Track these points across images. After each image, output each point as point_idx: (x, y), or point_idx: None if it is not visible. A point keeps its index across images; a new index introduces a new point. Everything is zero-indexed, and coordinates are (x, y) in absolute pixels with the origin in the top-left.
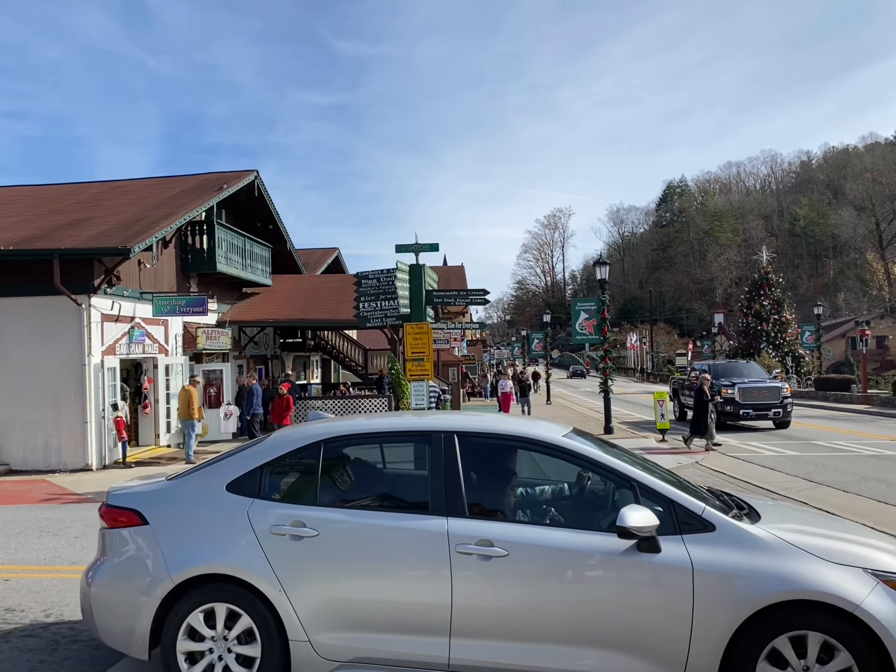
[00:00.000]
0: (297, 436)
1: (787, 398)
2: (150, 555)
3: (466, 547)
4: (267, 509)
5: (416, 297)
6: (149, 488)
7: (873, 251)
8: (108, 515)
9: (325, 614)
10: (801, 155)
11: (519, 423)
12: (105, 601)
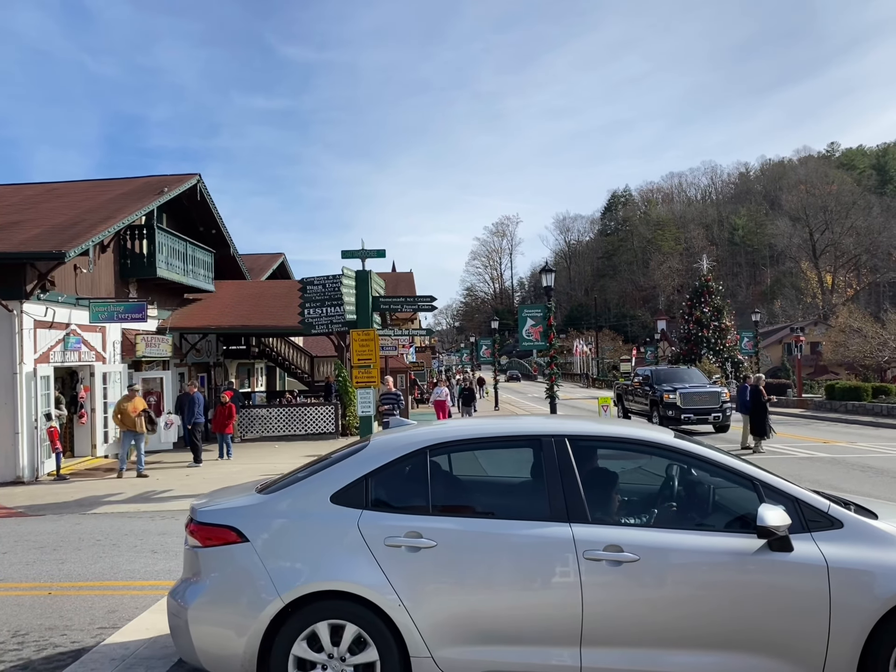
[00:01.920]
0: (401, 443)
1: (727, 403)
2: (254, 574)
3: (595, 553)
4: (378, 520)
5: (363, 303)
6: (243, 503)
7: (808, 260)
8: (201, 533)
9: (448, 628)
10: (740, 166)
11: (625, 426)
12: (205, 624)
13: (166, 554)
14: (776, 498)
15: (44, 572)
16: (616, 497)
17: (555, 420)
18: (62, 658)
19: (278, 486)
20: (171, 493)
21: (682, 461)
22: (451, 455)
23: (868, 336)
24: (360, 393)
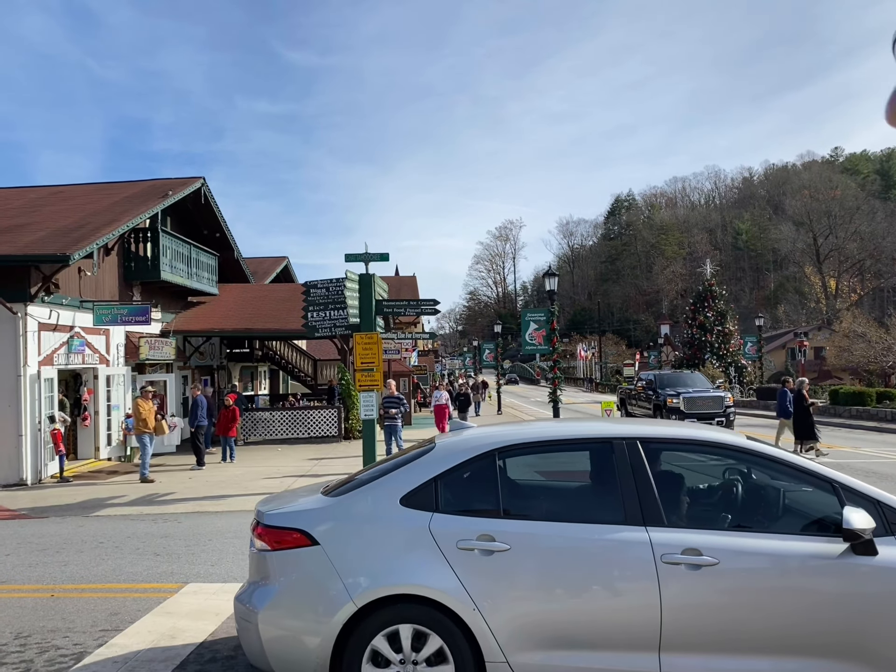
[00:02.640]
0: (469, 445)
1: (730, 407)
2: (326, 577)
3: (673, 557)
4: (450, 523)
5: (366, 306)
6: (311, 506)
7: (811, 265)
8: (270, 537)
9: (524, 633)
10: (743, 171)
11: (694, 428)
12: (276, 628)
13: (169, 557)
14: (857, 501)
15: (46, 574)
16: (689, 500)
17: (624, 423)
18: (64, 660)
19: (345, 488)
20: (173, 496)
21: (757, 464)
22: (519, 458)
23: (872, 341)
24: (362, 396)
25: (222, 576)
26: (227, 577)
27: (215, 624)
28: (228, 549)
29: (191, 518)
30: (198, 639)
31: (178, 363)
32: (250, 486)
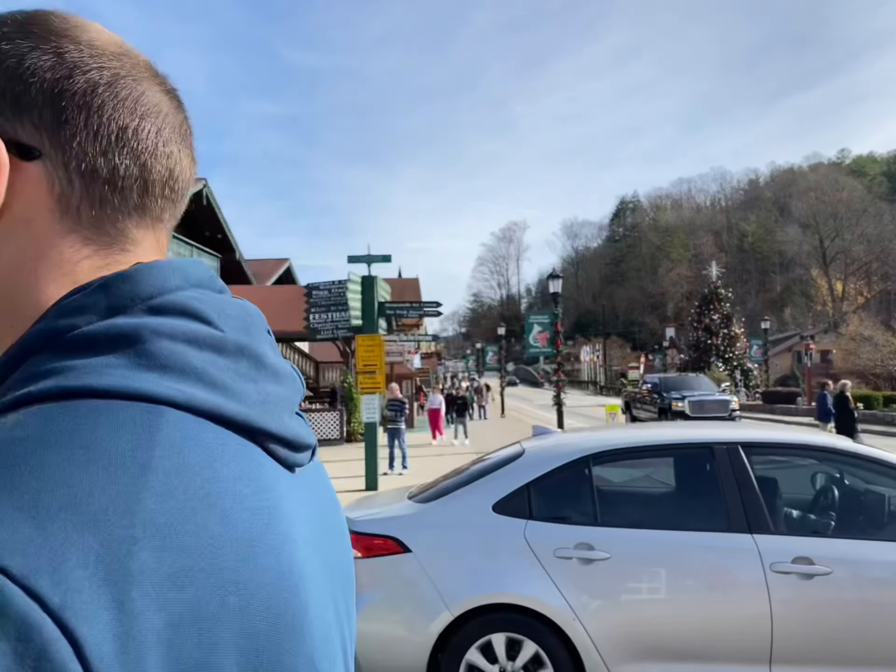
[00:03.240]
0: (561, 451)
1: (736, 411)
2: (420, 585)
3: (783, 566)
4: (545, 531)
5: (368, 308)
6: (401, 512)
7: (818, 268)
8: (360, 543)
9: (628, 644)
10: (749, 173)
11: (797, 433)
12: (372, 640)
13: None
14: None
15: None
16: (791, 506)
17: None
18: None
19: (432, 494)
20: None
21: (867, 468)
22: (623, 464)
23: (879, 344)
24: (365, 399)
25: None
26: None
27: None
28: None
29: None
30: None
31: None
32: None
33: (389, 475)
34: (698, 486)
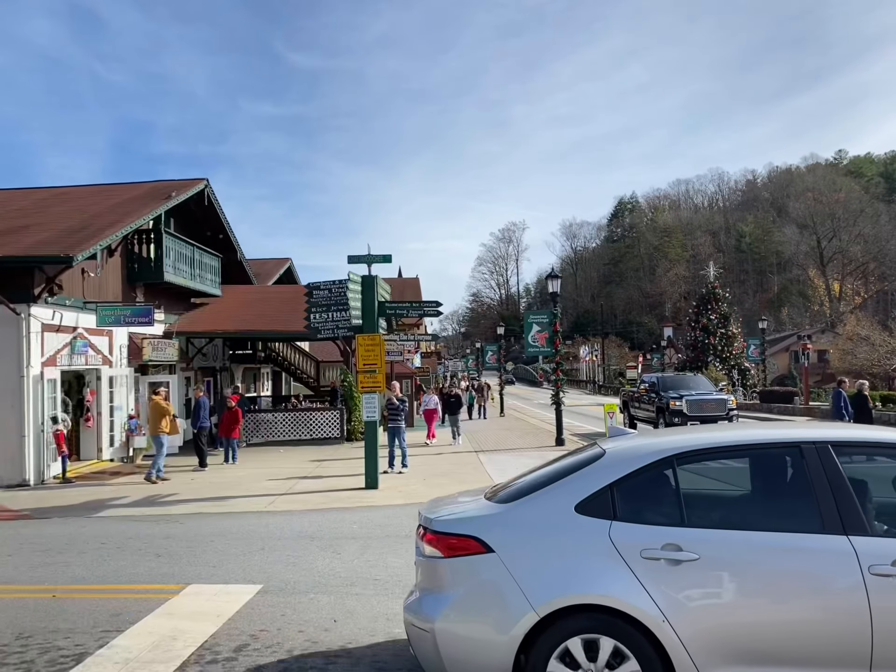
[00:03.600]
0: (644, 451)
1: (733, 410)
2: (503, 586)
3: (883, 568)
4: (631, 532)
5: (369, 308)
6: (481, 512)
7: (815, 268)
8: (442, 544)
9: (719, 647)
10: (747, 174)
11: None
12: (455, 638)
13: (170, 558)
14: None
15: (48, 575)
16: (885, 506)
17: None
18: (65, 661)
19: (511, 493)
20: (175, 498)
21: None
22: (706, 464)
23: (876, 344)
24: (365, 398)
25: (223, 577)
26: (228, 578)
27: (216, 625)
28: (230, 551)
29: (192, 519)
30: (199, 640)
31: (181, 364)
32: (252, 487)
33: (389, 473)
34: (787, 486)
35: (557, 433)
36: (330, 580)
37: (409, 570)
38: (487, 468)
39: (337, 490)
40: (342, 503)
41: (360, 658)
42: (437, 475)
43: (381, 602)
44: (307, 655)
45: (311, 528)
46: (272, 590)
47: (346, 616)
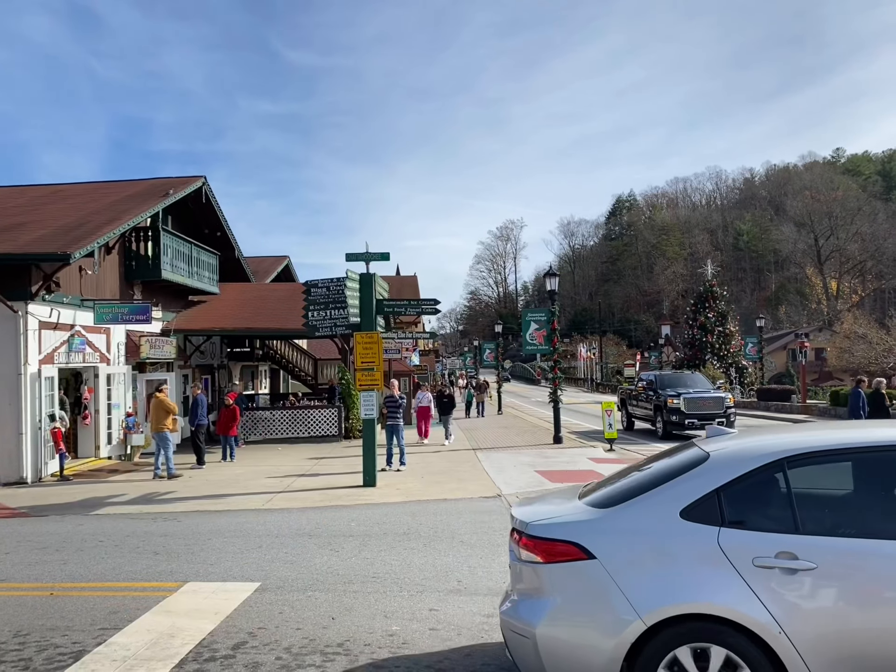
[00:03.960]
0: (752, 453)
1: (731, 408)
2: (607, 593)
3: None
4: (741, 539)
5: (367, 306)
6: (580, 517)
7: (812, 266)
8: (540, 548)
9: (838, 658)
10: (745, 172)
11: None
12: (558, 644)
13: (168, 555)
14: None
15: (46, 573)
16: None
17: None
18: (63, 659)
19: (610, 498)
20: (173, 496)
21: None
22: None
23: (873, 342)
24: (363, 396)
25: (221, 575)
26: (226, 576)
27: (214, 623)
28: (228, 549)
29: (190, 517)
30: (197, 638)
31: (179, 362)
32: (250, 485)
33: (387, 471)
34: None
35: (555, 431)
36: (328, 578)
37: (407, 567)
38: (485, 466)
39: (335, 488)
40: (340, 501)
41: (357, 655)
42: (435, 473)
43: (380, 600)
44: (305, 653)
45: (309, 526)
46: (270, 587)
47: (344, 613)
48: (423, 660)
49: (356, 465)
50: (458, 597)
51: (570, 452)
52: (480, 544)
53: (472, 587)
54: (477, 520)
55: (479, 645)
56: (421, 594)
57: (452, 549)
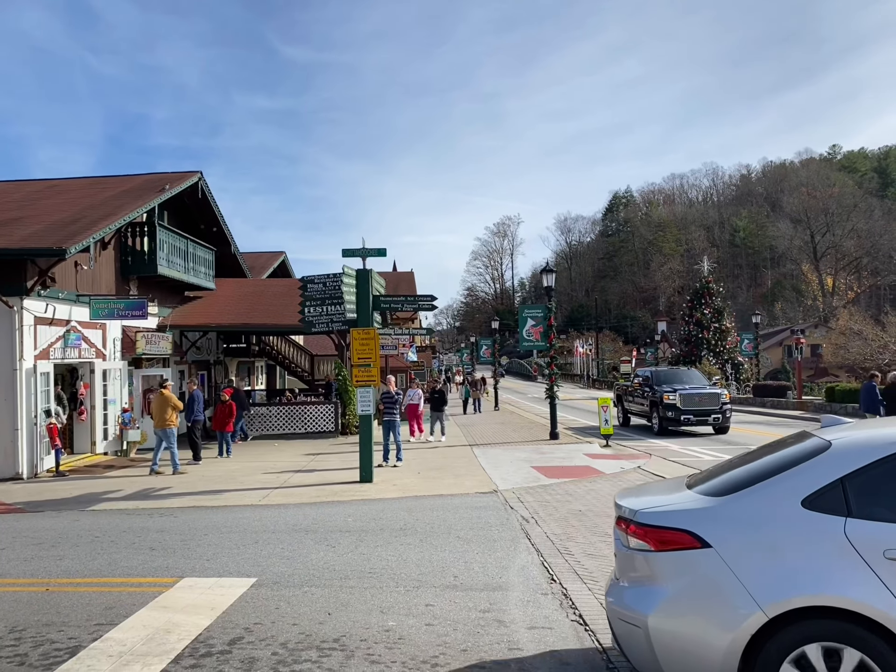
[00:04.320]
0: (879, 441)
1: (727, 404)
2: (724, 584)
3: None
4: (870, 529)
5: (363, 302)
6: (693, 505)
7: (808, 263)
8: (651, 537)
9: None
10: (741, 168)
11: None
12: (672, 635)
13: (164, 551)
14: None
15: (41, 568)
16: None
17: None
18: (59, 654)
19: (723, 486)
20: (169, 491)
21: None
22: None
23: (868, 339)
24: (359, 392)
25: (218, 570)
26: (222, 571)
27: (210, 618)
28: (224, 544)
29: (186, 513)
30: (193, 633)
31: (175, 358)
32: (246, 481)
33: (384, 467)
34: None
35: (552, 427)
36: (324, 573)
37: (403, 563)
38: (482, 462)
39: (331, 484)
40: (337, 497)
41: (354, 651)
42: (432, 469)
43: (376, 595)
44: (301, 648)
45: (306, 522)
46: (266, 583)
47: (341, 609)
48: (419, 655)
49: (353, 461)
50: (454, 592)
51: (567, 448)
52: (477, 540)
53: (468, 582)
54: (473, 515)
55: (475, 640)
56: (417, 589)
57: (449, 545)
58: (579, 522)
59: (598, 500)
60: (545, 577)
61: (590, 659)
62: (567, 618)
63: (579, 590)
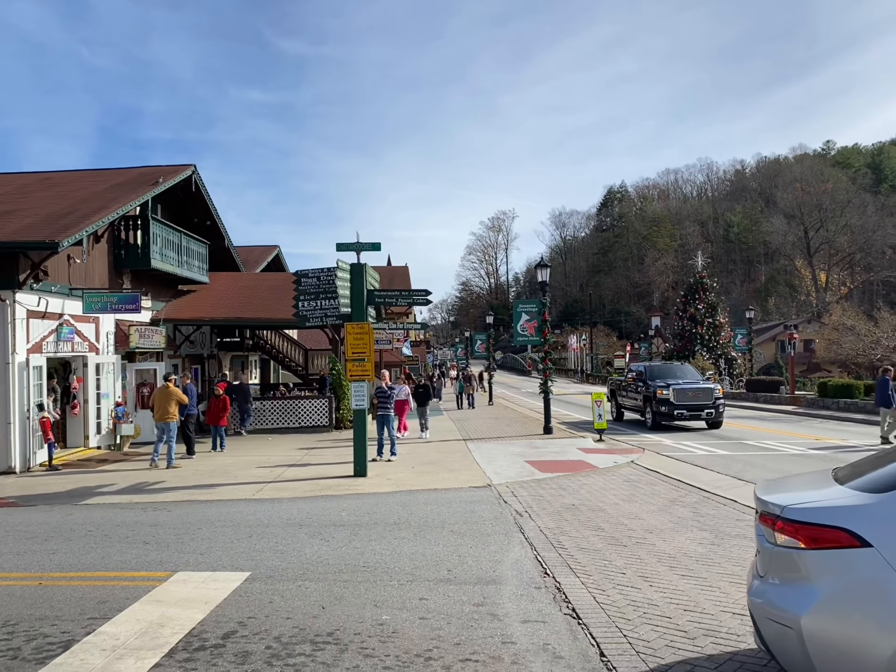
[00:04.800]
0: None
1: (720, 399)
2: (887, 585)
3: None
4: None
5: (357, 296)
6: (847, 501)
7: (802, 258)
8: (802, 533)
9: None
10: (736, 164)
11: None
12: (828, 637)
13: (158, 545)
14: None
15: (34, 562)
16: None
17: None
18: (52, 648)
19: (881, 482)
20: (163, 485)
21: None
22: None
23: (861, 334)
24: (354, 386)
25: (211, 564)
26: (216, 565)
27: (204, 612)
28: (218, 538)
29: (180, 507)
30: (186, 627)
31: (169, 352)
32: (240, 475)
33: (378, 462)
34: None
35: (545, 422)
36: (318, 567)
37: (397, 557)
38: (476, 456)
39: (325, 478)
40: (331, 491)
41: (347, 644)
42: (426, 463)
43: (370, 589)
44: (295, 642)
45: (300, 516)
46: (260, 577)
47: (335, 603)
48: (412, 649)
49: (347, 456)
50: (447, 586)
51: (560, 443)
52: (470, 533)
53: (461, 576)
54: (467, 509)
55: (468, 633)
56: (411, 583)
57: (442, 539)
58: (573, 516)
59: (592, 494)
60: (538, 571)
61: (583, 652)
62: (560, 611)
63: (572, 584)
